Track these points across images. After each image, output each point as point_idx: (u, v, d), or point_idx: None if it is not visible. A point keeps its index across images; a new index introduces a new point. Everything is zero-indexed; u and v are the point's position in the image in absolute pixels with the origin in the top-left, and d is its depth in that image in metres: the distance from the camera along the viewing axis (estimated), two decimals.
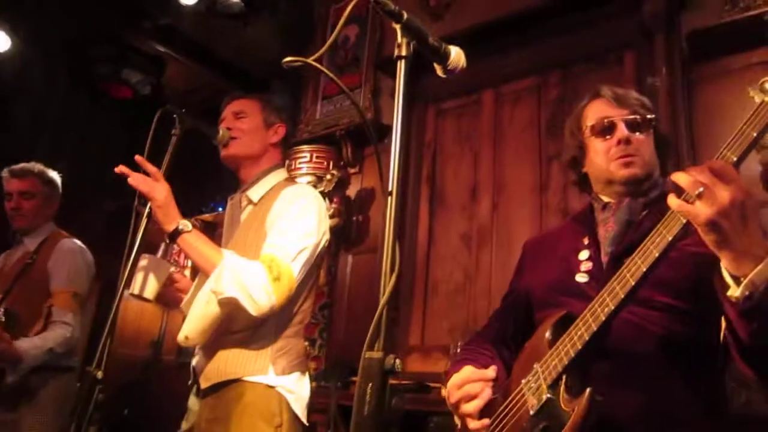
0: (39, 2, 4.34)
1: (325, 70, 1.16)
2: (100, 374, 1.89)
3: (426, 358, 3.48)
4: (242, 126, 2.39)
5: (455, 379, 1.62)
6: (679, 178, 1.18)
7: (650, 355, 1.44)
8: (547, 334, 1.50)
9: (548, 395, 1.39)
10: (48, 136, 5.09)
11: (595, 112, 1.73)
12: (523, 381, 1.49)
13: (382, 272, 1.08)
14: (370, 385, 0.99)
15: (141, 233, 1.97)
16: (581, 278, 1.60)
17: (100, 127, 5.21)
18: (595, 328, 1.35)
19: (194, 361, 2.28)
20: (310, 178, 3.83)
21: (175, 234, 2.07)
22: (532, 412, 1.41)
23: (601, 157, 1.69)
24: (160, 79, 5.22)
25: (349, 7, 1.16)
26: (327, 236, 2.29)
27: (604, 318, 1.34)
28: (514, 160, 3.48)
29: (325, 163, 3.97)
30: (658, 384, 1.42)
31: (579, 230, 1.72)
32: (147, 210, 2.10)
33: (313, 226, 2.20)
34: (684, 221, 1.23)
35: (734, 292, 1.16)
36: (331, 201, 3.78)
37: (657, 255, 1.29)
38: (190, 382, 2.31)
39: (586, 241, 1.67)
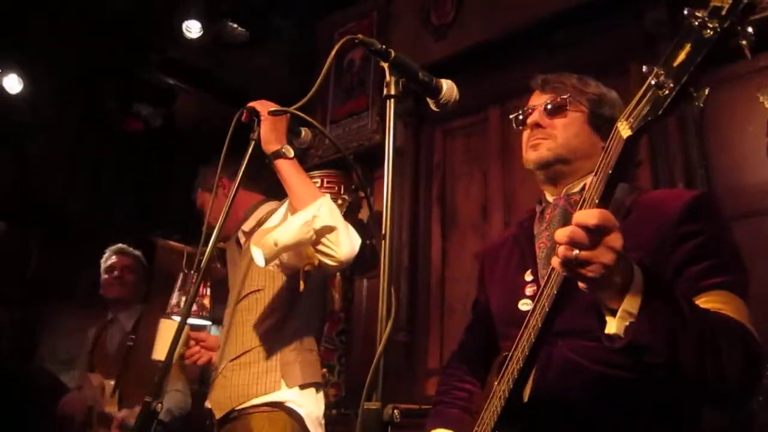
0: (47, 42, 4.40)
1: (308, 118, 1.16)
2: (160, 407, 1.89)
3: None
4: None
5: None
6: (557, 236, 1.09)
7: (587, 401, 1.32)
8: (495, 381, 1.40)
9: None
10: (62, 173, 5.16)
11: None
12: (474, 430, 1.42)
13: (378, 318, 1.06)
14: None
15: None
16: (524, 306, 1.51)
17: (112, 161, 5.26)
18: (512, 385, 1.28)
19: (209, 401, 2.27)
20: None
21: (277, 155, 1.97)
22: None
23: (523, 150, 1.65)
24: (170, 110, 5.28)
25: (334, 50, 1.15)
26: None
27: (517, 375, 1.27)
28: (524, 175, 3.45)
29: (337, 188, 3.97)
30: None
31: (522, 245, 1.65)
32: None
33: None
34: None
35: (611, 328, 1.10)
36: None
37: (555, 293, 1.19)
38: (207, 422, 2.30)
39: (528, 259, 1.59)
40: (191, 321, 2.36)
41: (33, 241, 5.20)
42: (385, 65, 1.21)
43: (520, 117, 1.66)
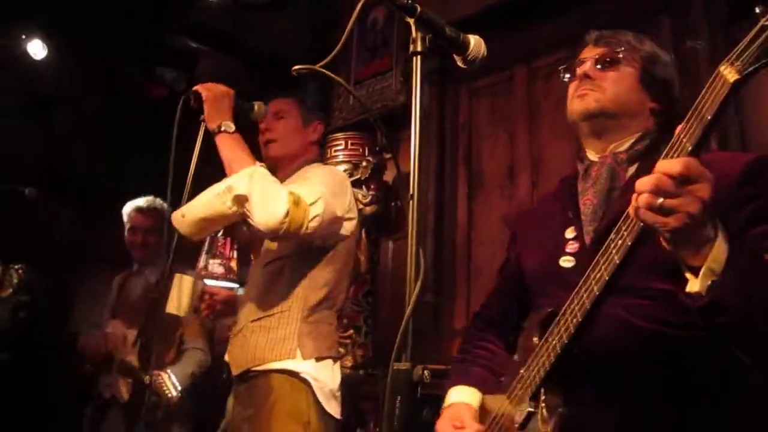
0: (69, 9, 4.39)
1: (332, 75, 1.13)
2: (147, 379, 1.94)
3: None
4: (281, 127, 2.39)
5: (445, 420, 1.56)
6: (639, 185, 1.04)
7: (637, 360, 1.29)
8: (534, 339, 1.39)
9: (529, 409, 1.33)
10: (88, 140, 5.20)
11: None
12: (515, 385, 1.42)
13: (407, 280, 1.05)
14: (399, 398, 0.98)
15: (173, 246, 1.99)
16: (566, 263, 1.47)
17: (137, 128, 5.28)
18: (566, 341, 1.25)
19: (227, 354, 2.32)
20: (346, 166, 3.80)
21: (217, 130, 2.06)
22: (516, 426, 1.36)
23: (568, 100, 1.59)
24: (193, 74, 5.26)
25: (358, 8, 1.12)
26: (352, 218, 2.27)
27: (573, 330, 1.23)
28: (551, 136, 3.39)
29: (361, 150, 3.93)
30: (647, 398, 1.27)
31: (564, 201, 1.59)
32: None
33: (336, 193, 2.18)
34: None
35: (693, 286, 1.06)
36: (368, 188, 3.75)
37: (629, 244, 1.14)
38: (224, 375, 2.35)
39: (570, 215, 1.53)
40: (220, 283, 2.39)
41: (63, 208, 5.27)
42: (411, 20, 1.18)
43: (576, 65, 1.58)
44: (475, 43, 1.32)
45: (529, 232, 1.70)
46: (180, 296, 2.13)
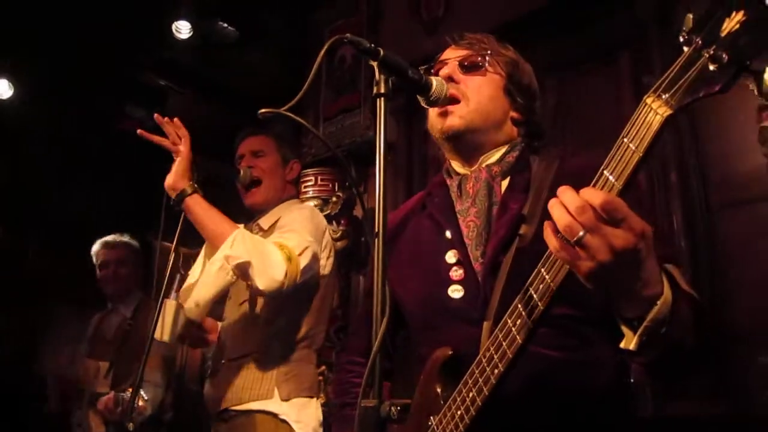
0: (38, 46, 4.38)
1: (298, 119, 1.15)
2: (131, 427, 1.91)
3: None
4: (263, 165, 2.41)
5: None
6: (554, 211, 0.93)
7: (551, 390, 1.24)
8: (438, 388, 1.28)
9: None
10: (57, 175, 5.14)
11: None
12: None
13: (374, 317, 1.07)
14: None
15: (168, 272, 2.01)
16: (455, 293, 1.36)
17: (107, 162, 5.25)
18: (487, 393, 1.13)
19: (205, 391, 2.29)
20: (316, 201, 3.83)
21: (185, 193, 2.06)
22: None
23: (429, 115, 1.50)
24: (162, 111, 5.25)
25: (322, 51, 1.15)
26: (330, 258, 2.29)
27: (495, 382, 1.12)
28: None
29: (331, 185, 3.97)
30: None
31: (438, 219, 1.47)
32: (174, 244, 2.12)
33: (318, 237, 2.20)
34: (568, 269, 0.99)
35: (629, 343, 0.99)
36: (338, 223, 3.78)
37: (542, 308, 1.04)
38: (204, 412, 2.33)
39: (449, 235, 1.42)
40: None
41: (30, 243, 5.19)
42: (374, 64, 1.21)
43: (437, 67, 1.50)
44: (437, 84, 1.36)
45: (399, 254, 1.53)
46: (164, 322, 2.12)
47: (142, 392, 2.88)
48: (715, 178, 2.75)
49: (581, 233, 0.90)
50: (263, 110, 1.08)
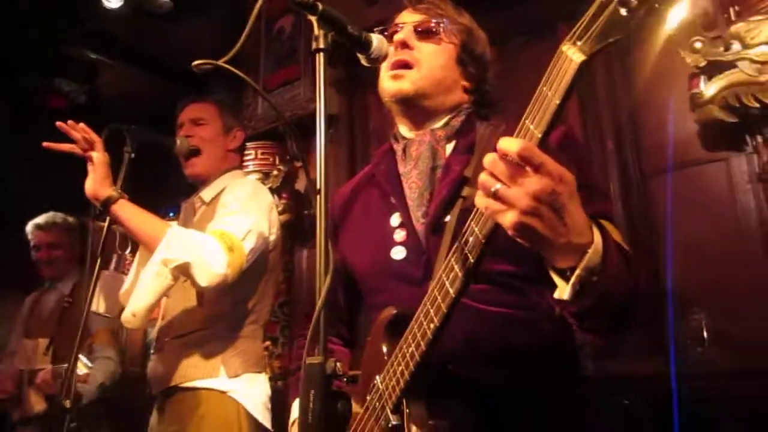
0: None
1: (237, 72, 1.11)
2: (68, 403, 1.85)
3: None
4: (203, 134, 2.33)
5: None
6: (486, 162, 0.95)
7: (490, 347, 1.26)
8: (384, 347, 1.29)
9: (393, 422, 1.21)
10: None
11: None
12: (368, 398, 1.30)
13: (317, 273, 1.05)
14: (313, 392, 0.97)
15: (101, 247, 1.94)
16: (398, 254, 1.39)
17: (37, 141, 5.05)
18: (424, 348, 1.14)
19: (148, 369, 2.24)
20: (257, 176, 3.77)
21: (110, 201, 1.97)
22: None
23: (381, 77, 1.52)
24: (94, 84, 5.06)
25: (257, 6, 1.12)
26: (276, 233, 2.25)
27: (431, 336, 1.13)
28: None
29: (271, 159, 3.91)
30: (505, 393, 1.25)
31: (383, 186, 1.51)
32: (107, 222, 2.04)
33: (263, 214, 2.16)
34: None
35: (562, 293, 1.01)
36: (280, 197, 3.72)
37: (472, 261, 1.05)
38: (147, 391, 2.28)
39: (393, 200, 1.46)
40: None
41: None
42: (313, 18, 1.18)
43: (386, 34, 1.50)
44: (378, 41, 1.33)
45: (350, 226, 1.58)
46: (106, 295, 2.06)
47: (84, 360, 2.81)
48: (649, 145, 2.82)
49: (496, 186, 0.93)
50: (199, 61, 1.04)
